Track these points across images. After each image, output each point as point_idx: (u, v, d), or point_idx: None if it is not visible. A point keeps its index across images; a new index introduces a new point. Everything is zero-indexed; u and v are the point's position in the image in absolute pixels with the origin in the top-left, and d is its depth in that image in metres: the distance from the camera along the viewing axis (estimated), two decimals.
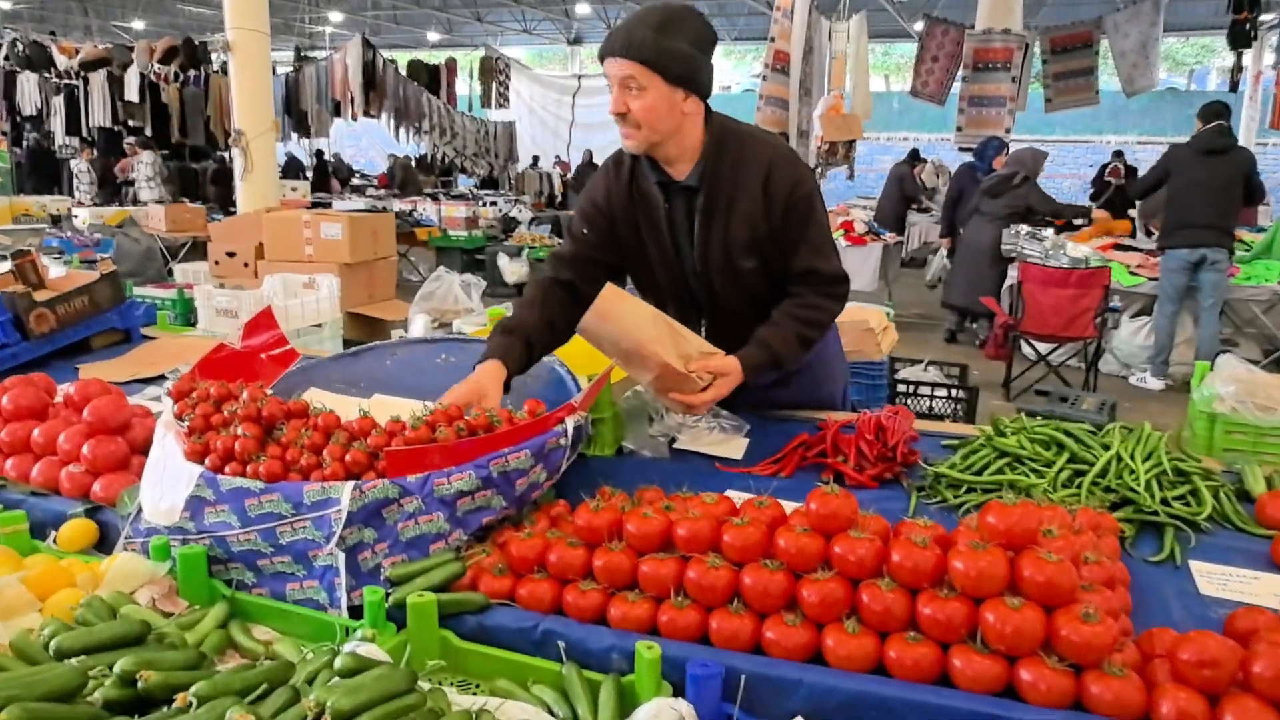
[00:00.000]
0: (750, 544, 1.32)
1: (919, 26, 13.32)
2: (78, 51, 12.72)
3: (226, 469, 1.51)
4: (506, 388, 1.80)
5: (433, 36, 23.40)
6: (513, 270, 9.26)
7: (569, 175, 18.34)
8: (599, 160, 13.44)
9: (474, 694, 1.30)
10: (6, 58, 12.98)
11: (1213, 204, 5.81)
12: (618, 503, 1.56)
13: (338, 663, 1.15)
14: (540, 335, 1.91)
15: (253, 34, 7.74)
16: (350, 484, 1.43)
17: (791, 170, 1.89)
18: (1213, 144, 5.86)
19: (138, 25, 21.62)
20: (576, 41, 24.57)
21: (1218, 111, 5.95)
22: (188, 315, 4.80)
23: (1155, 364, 6.28)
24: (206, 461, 1.53)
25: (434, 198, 14.31)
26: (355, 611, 1.43)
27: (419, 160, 18.01)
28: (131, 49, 12.38)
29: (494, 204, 14.88)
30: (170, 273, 7.11)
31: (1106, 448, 1.73)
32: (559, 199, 18.34)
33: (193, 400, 1.63)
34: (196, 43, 12.28)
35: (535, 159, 19.02)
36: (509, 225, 13.39)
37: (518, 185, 17.96)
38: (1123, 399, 2.95)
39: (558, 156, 19.23)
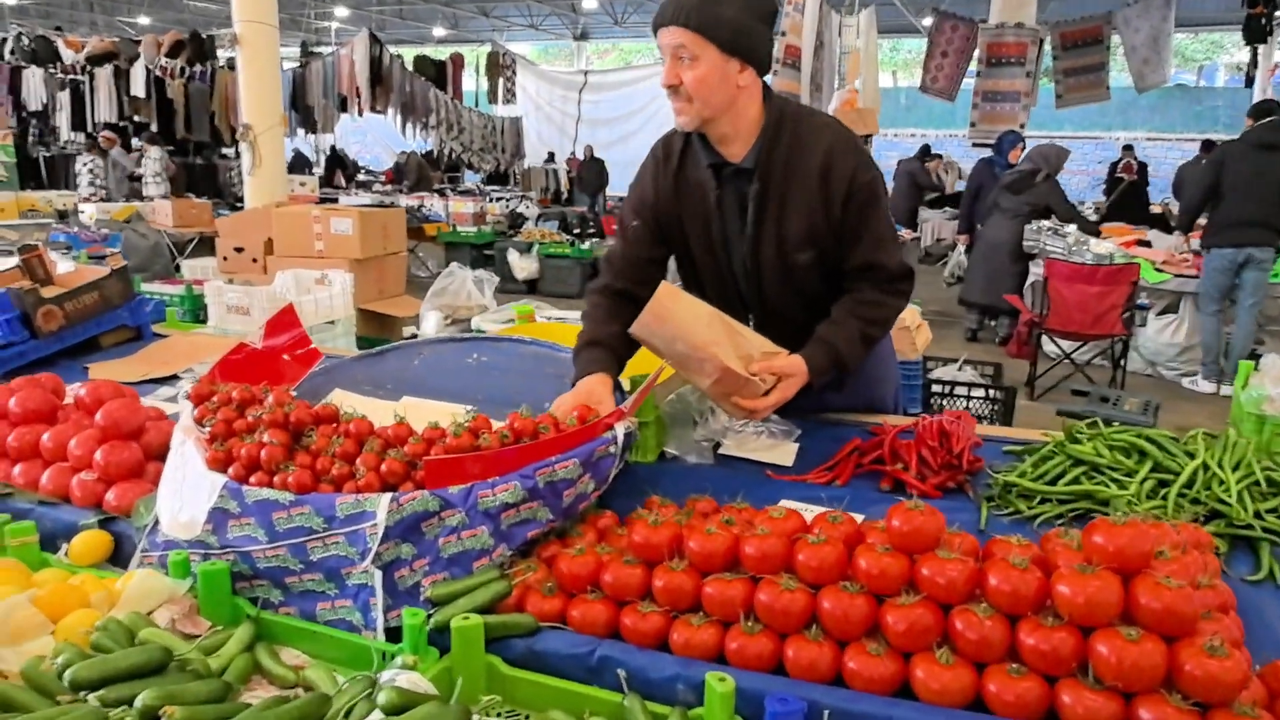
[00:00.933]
0: (827, 564, 1.21)
1: (928, 22, 13.17)
2: (84, 46, 12.61)
3: (252, 479, 1.40)
4: None
5: (438, 32, 23.26)
6: (522, 266, 9.15)
7: (575, 172, 18.24)
8: (600, 155, 13.40)
9: None
10: (13, 52, 12.88)
11: (1261, 200, 5.64)
12: (670, 514, 1.45)
13: (381, 698, 1.04)
14: (623, 345, 1.80)
15: (261, 27, 7.63)
16: (386, 496, 1.32)
17: (854, 156, 1.77)
18: (1265, 138, 5.70)
19: (143, 21, 21.51)
20: (583, 37, 24.42)
21: (1269, 109, 5.82)
22: (196, 312, 4.69)
23: (1206, 365, 6.13)
24: (230, 471, 1.42)
25: (441, 193, 14.23)
26: (392, 633, 1.32)
27: (425, 156, 17.94)
28: (138, 43, 12.28)
29: (501, 200, 14.81)
30: (178, 268, 7.01)
31: (1191, 455, 1.61)
32: (565, 195, 18.24)
33: (214, 404, 1.52)
34: (204, 36, 12.17)
35: (551, 155, 18.95)
36: (516, 221, 13.32)
37: (524, 181, 17.87)
38: (1152, 397, 2.85)
39: (572, 153, 19.16)
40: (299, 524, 1.34)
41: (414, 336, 5.44)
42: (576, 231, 12.98)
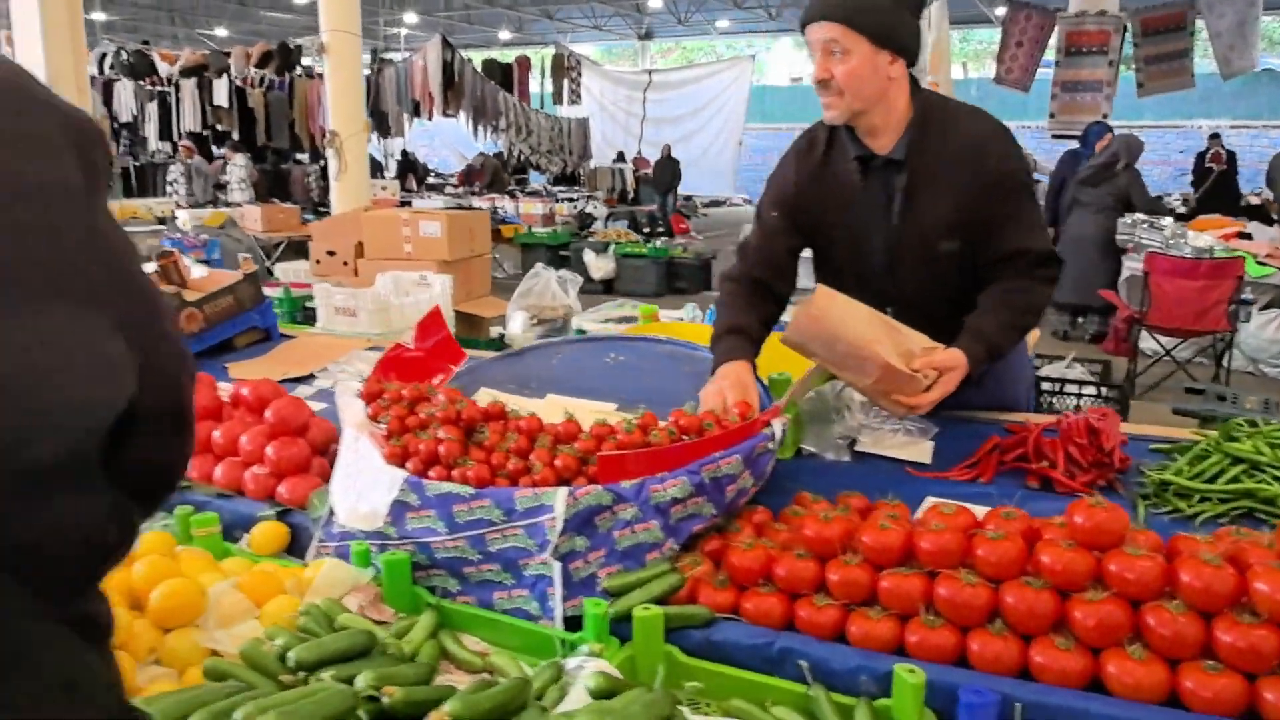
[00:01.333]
0: (1007, 559, 1.22)
1: (1000, 11, 12.90)
2: (178, 59, 13.13)
3: (431, 473, 1.46)
4: None
5: (504, 35, 23.58)
6: (599, 266, 9.24)
7: (644, 171, 18.33)
8: (676, 154, 13.43)
9: (705, 713, 1.23)
10: (112, 66, 13.46)
11: None
12: (823, 509, 1.47)
13: (591, 683, 1.09)
14: (760, 334, 1.85)
15: (346, 36, 7.85)
16: (564, 490, 1.37)
17: (1005, 145, 1.79)
18: None
19: (221, 32, 22.26)
20: (647, 36, 24.51)
21: None
22: (293, 313, 4.86)
23: None
24: (409, 465, 1.49)
25: (512, 195, 14.44)
26: (566, 623, 1.37)
27: (494, 157, 18.22)
28: (228, 54, 12.75)
29: (569, 200, 14.97)
30: (270, 272, 7.25)
31: None
32: (631, 195, 18.36)
33: (385, 402, 1.59)
34: (291, 47, 12.57)
35: (620, 154, 19.10)
36: (585, 221, 13.46)
37: (590, 181, 18.03)
38: (1270, 396, 2.78)
39: (639, 153, 19.29)
40: (479, 516, 1.40)
41: (501, 337, 5.55)
42: (646, 231, 13.05)
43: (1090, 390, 3.16)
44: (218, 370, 2.61)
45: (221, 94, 13.03)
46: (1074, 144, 8.34)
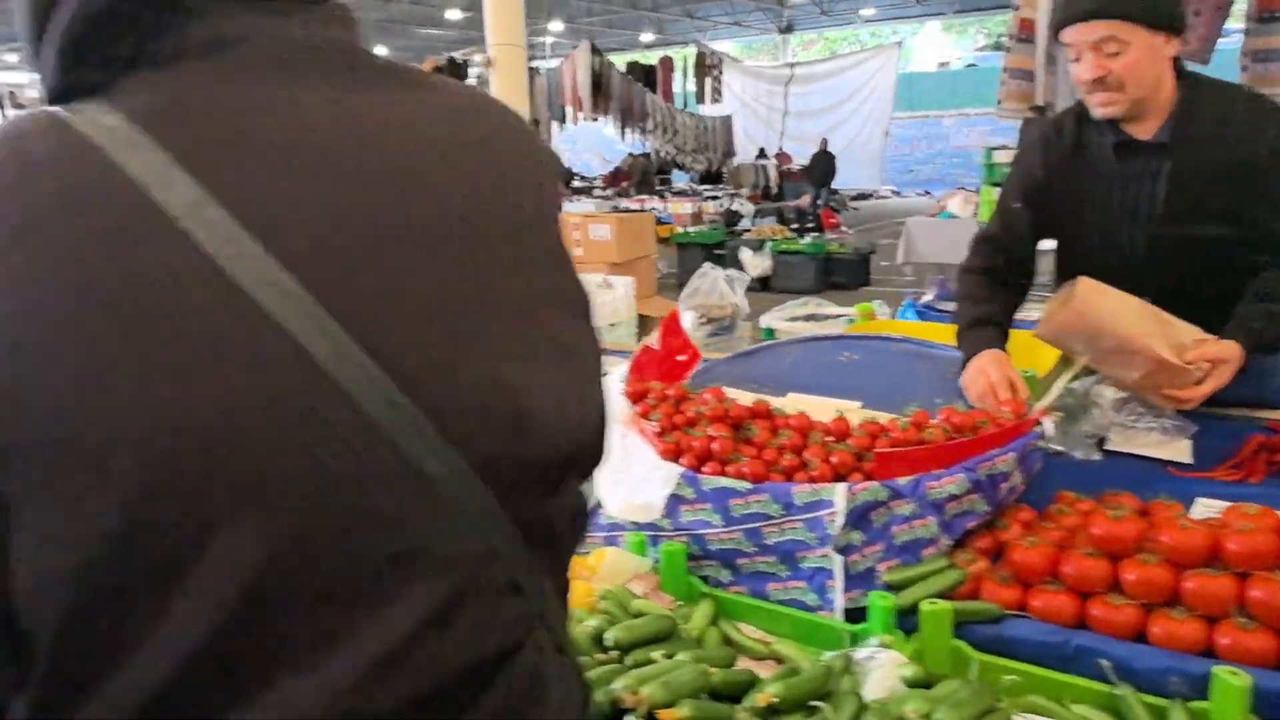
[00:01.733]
0: None
1: None
2: None
3: (705, 468, 1.54)
4: None
5: (645, 37, 23.87)
6: (755, 264, 9.25)
7: (787, 166, 18.17)
8: (832, 149, 13.25)
9: (998, 706, 1.25)
10: None
11: None
12: (1086, 506, 1.46)
13: (907, 673, 1.13)
14: (1007, 322, 1.87)
15: (511, 49, 8.14)
16: (842, 485, 1.41)
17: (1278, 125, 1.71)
18: None
19: (381, 50, 23.54)
20: (788, 30, 24.25)
21: None
22: None
23: None
24: (683, 460, 1.57)
25: (660, 195, 14.63)
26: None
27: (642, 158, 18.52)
28: None
29: (716, 199, 15.04)
30: None
31: None
32: (775, 191, 18.25)
33: (653, 401, 1.68)
34: (460, 61, 13.21)
35: (761, 151, 19.04)
36: (732, 219, 13.49)
37: (733, 179, 18.04)
38: None
39: (780, 148, 19.16)
40: (755, 510, 1.46)
41: None
42: (795, 227, 12.95)
43: None
44: None
45: None
46: None
